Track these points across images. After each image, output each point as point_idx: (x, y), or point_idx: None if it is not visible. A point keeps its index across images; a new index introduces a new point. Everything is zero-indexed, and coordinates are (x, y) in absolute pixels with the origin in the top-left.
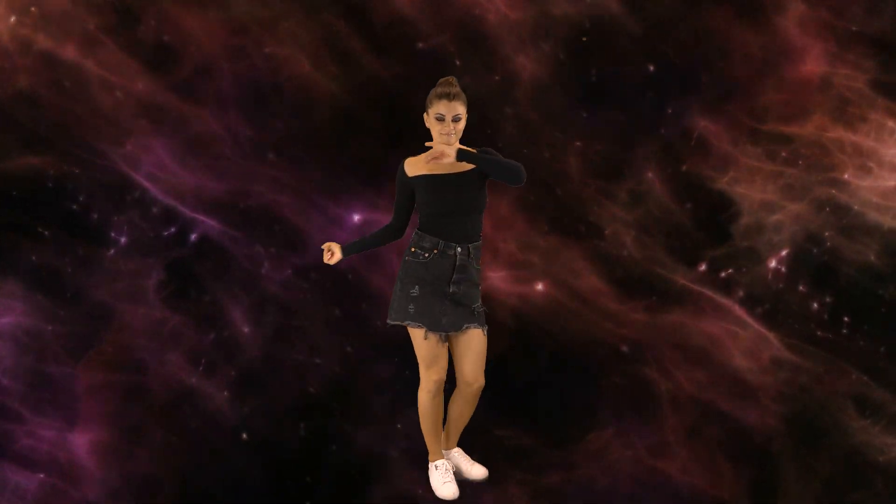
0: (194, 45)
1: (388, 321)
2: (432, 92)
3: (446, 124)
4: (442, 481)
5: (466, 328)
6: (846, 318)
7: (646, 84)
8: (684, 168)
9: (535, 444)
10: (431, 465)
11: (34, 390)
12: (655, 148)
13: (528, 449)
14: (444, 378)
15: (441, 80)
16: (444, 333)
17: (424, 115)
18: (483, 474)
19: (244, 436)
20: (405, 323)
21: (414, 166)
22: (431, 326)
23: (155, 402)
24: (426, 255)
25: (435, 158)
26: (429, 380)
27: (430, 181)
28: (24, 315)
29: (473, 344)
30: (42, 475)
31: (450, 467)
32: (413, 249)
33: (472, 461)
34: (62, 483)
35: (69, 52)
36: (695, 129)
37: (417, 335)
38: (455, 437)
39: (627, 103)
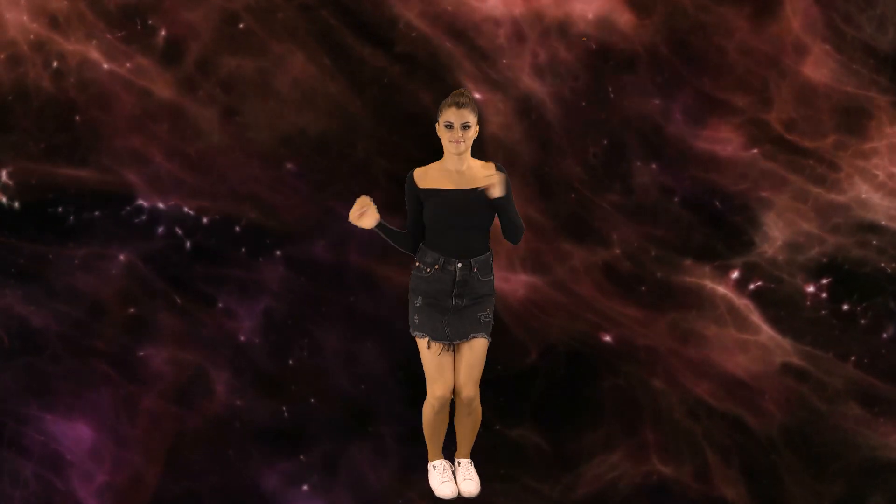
0: (196, 41)
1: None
2: (443, 102)
3: (455, 132)
4: (440, 481)
5: (472, 337)
6: (851, 317)
7: (648, 86)
8: (687, 171)
9: (535, 442)
10: (430, 466)
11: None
12: (657, 149)
13: (526, 447)
14: (450, 396)
15: (453, 91)
16: (448, 343)
17: (436, 125)
18: (468, 491)
19: (237, 425)
20: (413, 333)
21: (424, 178)
22: (434, 336)
23: (160, 404)
24: (428, 269)
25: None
26: (432, 395)
27: (439, 195)
28: (23, 315)
29: (472, 353)
30: (43, 470)
31: (448, 467)
32: (417, 264)
33: (469, 477)
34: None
35: (70, 50)
36: (697, 131)
37: (422, 345)
38: (462, 446)
39: (628, 105)
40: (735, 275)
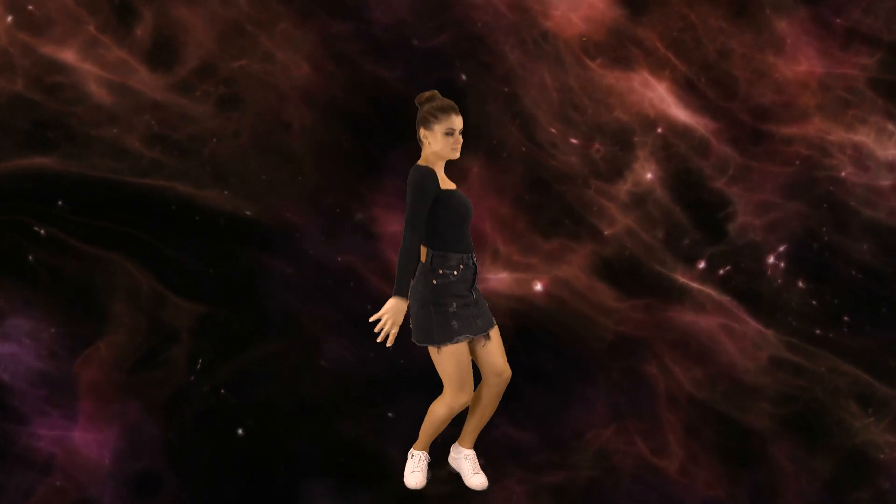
0: (193, 44)
1: (435, 346)
2: (430, 106)
3: (457, 137)
4: (410, 470)
5: (493, 324)
6: (846, 317)
7: (645, 85)
8: (684, 167)
9: (535, 442)
10: (415, 453)
11: (35, 390)
12: (655, 148)
13: (527, 446)
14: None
15: (428, 95)
16: (485, 335)
17: (423, 130)
18: (480, 485)
19: (240, 431)
20: (454, 341)
21: (440, 180)
22: (475, 332)
23: (156, 400)
24: (455, 272)
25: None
26: (456, 401)
27: (454, 197)
28: (24, 315)
29: (498, 336)
30: (44, 474)
31: (425, 458)
32: (440, 272)
33: (477, 470)
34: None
35: (67, 53)
36: (694, 128)
37: (452, 352)
38: (473, 436)
39: (628, 105)
40: (735, 276)
